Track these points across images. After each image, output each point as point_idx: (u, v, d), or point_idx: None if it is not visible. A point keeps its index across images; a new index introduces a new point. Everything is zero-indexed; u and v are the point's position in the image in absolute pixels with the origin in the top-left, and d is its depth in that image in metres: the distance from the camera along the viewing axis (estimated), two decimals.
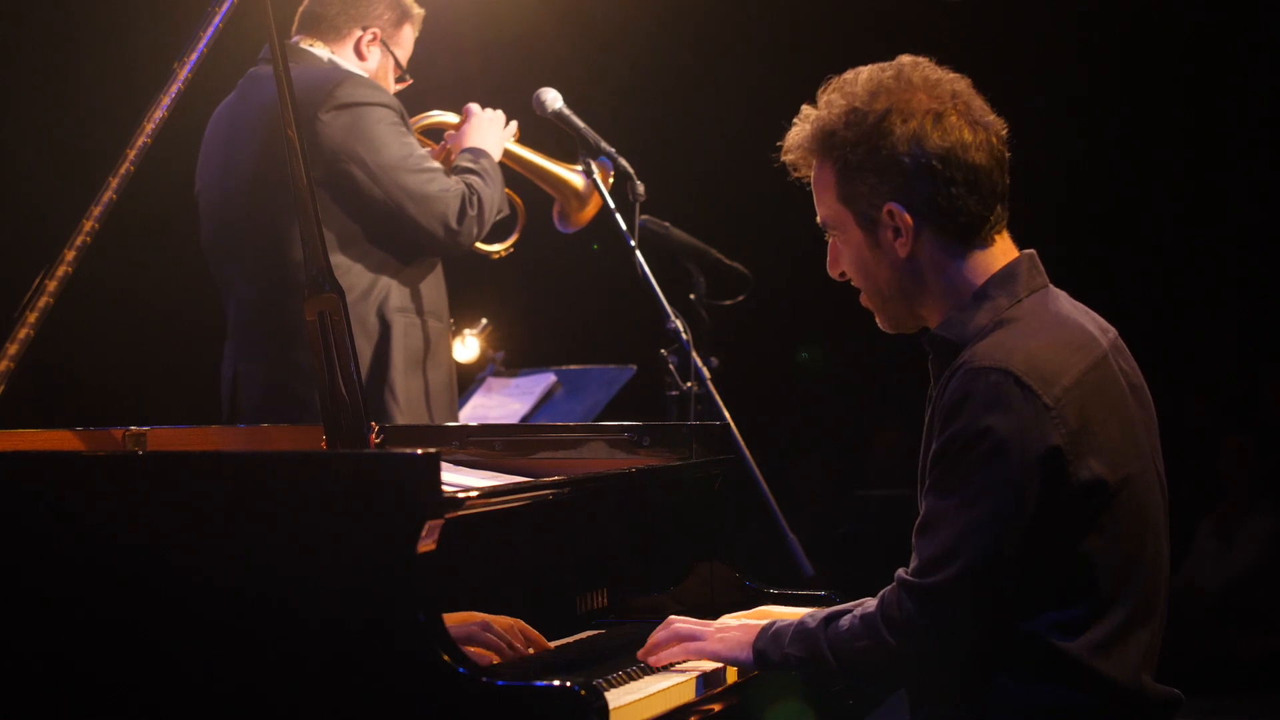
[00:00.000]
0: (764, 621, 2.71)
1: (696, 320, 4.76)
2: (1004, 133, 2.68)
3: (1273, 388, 7.41)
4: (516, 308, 6.80)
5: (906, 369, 2.89)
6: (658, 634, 2.73)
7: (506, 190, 4.43)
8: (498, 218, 4.31)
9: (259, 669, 2.38)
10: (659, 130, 6.96)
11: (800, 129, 2.72)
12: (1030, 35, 7.39)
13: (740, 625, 2.73)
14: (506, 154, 4.42)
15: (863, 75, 2.68)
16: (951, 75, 2.68)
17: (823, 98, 2.71)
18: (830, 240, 2.76)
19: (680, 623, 2.74)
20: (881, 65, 2.69)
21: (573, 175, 4.48)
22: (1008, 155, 2.68)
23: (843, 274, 2.77)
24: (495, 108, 4.45)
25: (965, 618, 2.51)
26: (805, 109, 2.73)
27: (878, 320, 2.78)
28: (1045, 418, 2.49)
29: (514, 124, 4.45)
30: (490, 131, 4.36)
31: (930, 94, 2.63)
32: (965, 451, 2.50)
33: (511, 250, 4.57)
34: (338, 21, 4.27)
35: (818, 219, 2.76)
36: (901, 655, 2.54)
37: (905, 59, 2.69)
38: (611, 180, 4.43)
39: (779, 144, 2.75)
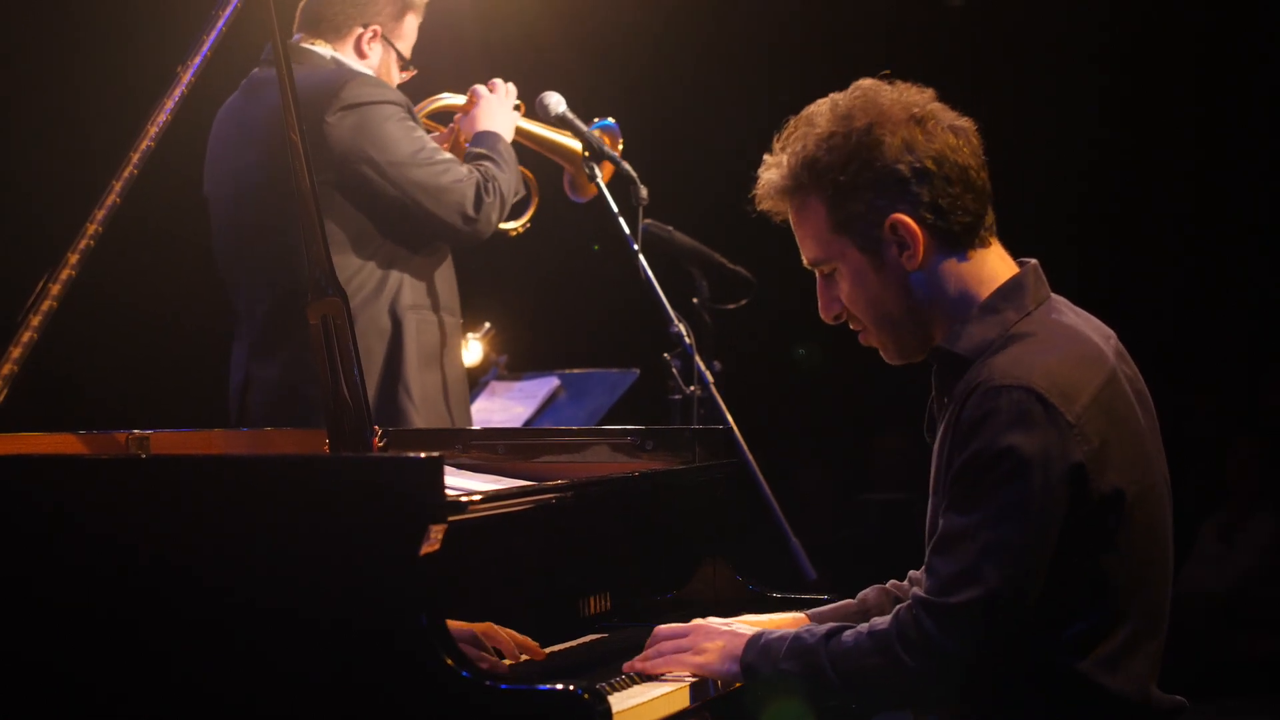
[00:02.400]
0: (752, 630, 2.67)
1: (699, 324, 4.77)
2: (978, 134, 2.67)
3: (1276, 391, 7.41)
4: (520, 311, 6.79)
5: (909, 374, 2.88)
6: (646, 653, 2.69)
7: (521, 169, 4.41)
8: (516, 199, 4.30)
9: (262, 672, 2.38)
10: (662, 134, 6.96)
11: (772, 173, 2.68)
12: (1033, 38, 7.39)
13: (728, 631, 2.68)
14: (514, 130, 4.40)
15: (824, 106, 2.67)
16: (913, 88, 2.67)
17: (788, 137, 2.67)
18: (820, 281, 2.72)
19: (665, 635, 2.70)
20: (839, 93, 2.68)
21: (578, 144, 4.47)
22: (984, 157, 2.67)
23: (837, 316, 2.73)
24: (513, 91, 4.41)
25: (987, 638, 2.48)
26: (768, 157, 2.69)
27: (885, 354, 2.74)
28: (1069, 435, 2.47)
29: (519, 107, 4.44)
30: (500, 113, 4.35)
31: (902, 106, 2.63)
32: (988, 470, 2.48)
33: (529, 226, 4.56)
34: (338, 20, 4.26)
35: (805, 261, 2.72)
36: (919, 675, 2.50)
37: (863, 82, 2.68)
38: (620, 146, 4.42)
39: (751, 195, 2.72)
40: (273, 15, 2.94)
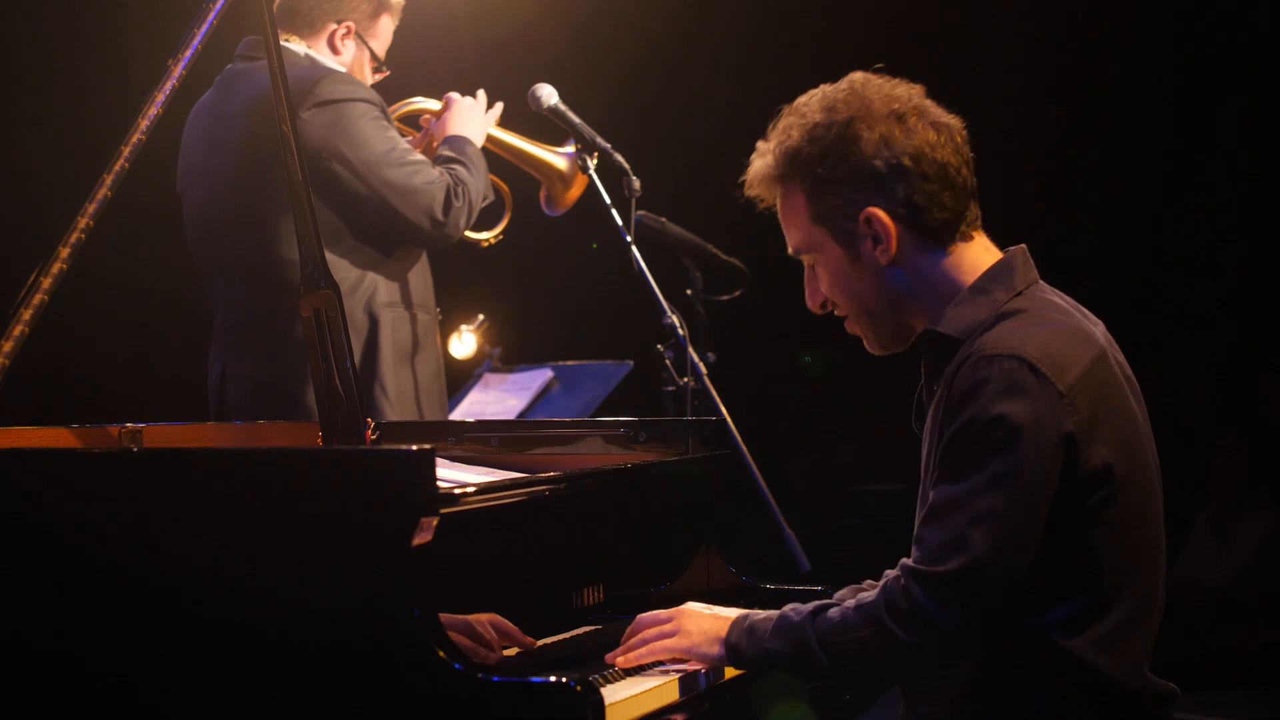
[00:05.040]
0: (735, 613, 2.68)
1: (693, 315, 4.76)
2: (964, 132, 2.69)
3: (1269, 383, 7.41)
4: (513, 303, 6.79)
5: (904, 364, 2.89)
6: (626, 636, 2.70)
7: (494, 178, 4.42)
8: (484, 204, 4.30)
9: (255, 665, 2.38)
10: (655, 125, 6.96)
11: (761, 161, 2.72)
12: (1023, 26, 7.38)
13: (711, 615, 2.69)
14: (489, 139, 4.40)
15: (814, 97, 2.70)
16: (903, 84, 2.69)
17: (778, 127, 2.71)
18: (806, 271, 2.76)
19: (647, 622, 2.71)
20: (831, 85, 2.71)
21: (555, 157, 4.48)
22: (971, 154, 2.68)
23: (824, 305, 2.76)
24: (483, 98, 4.43)
25: (976, 607, 2.48)
26: (760, 144, 2.73)
27: (867, 344, 2.77)
28: (1059, 405, 2.48)
29: (498, 107, 4.44)
30: (472, 118, 4.35)
31: (886, 101, 2.64)
32: (979, 439, 2.48)
33: (500, 237, 4.57)
34: (312, 15, 4.25)
35: (790, 249, 2.75)
36: (908, 647, 2.50)
37: (855, 75, 2.71)
38: (595, 161, 4.42)
39: (741, 180, 2.75)
40: (265, 11, 2.93)
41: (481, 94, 4.41)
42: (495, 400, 5.50)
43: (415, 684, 2.32)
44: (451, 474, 2.97)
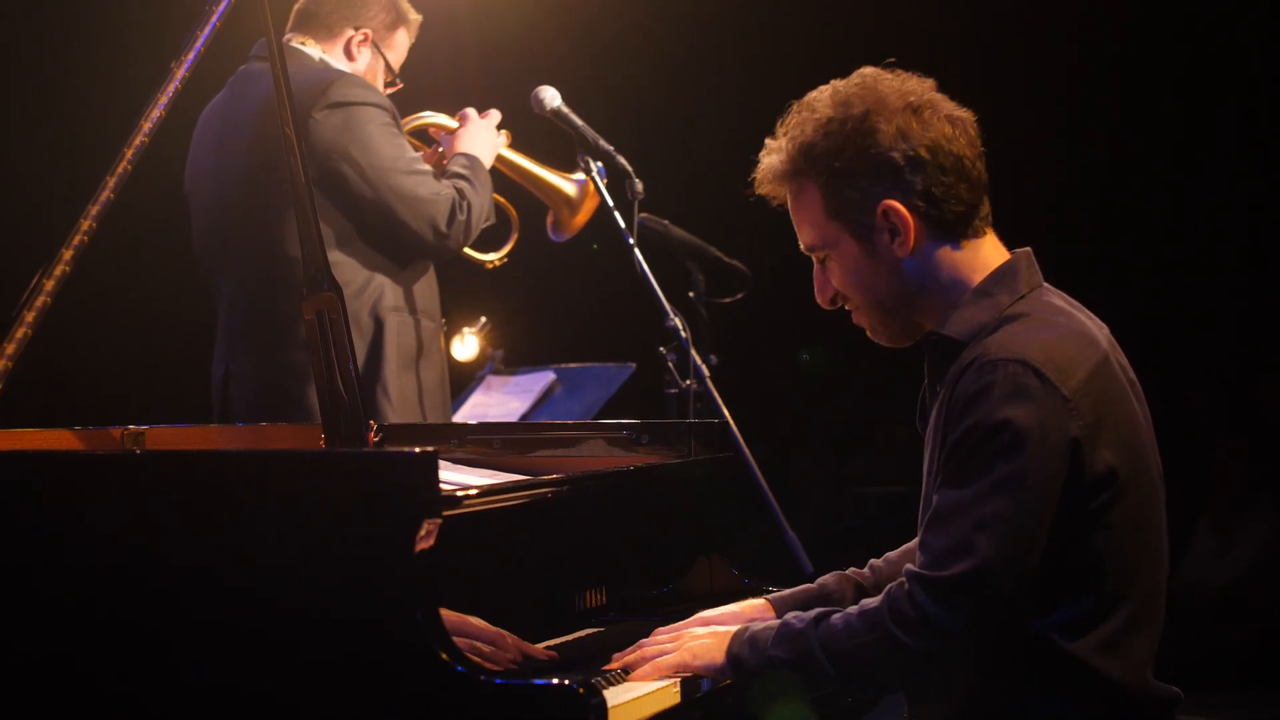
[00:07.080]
0: (735, 627, 2.67)
1: (695, 318, 4.76)
2: (976, 125, 2.68)
3: (1270, 386, 7.41)
4: (516, 306, 6.79)
5: (907, 365, 2.89)
6: (626, 658, 2.66)
7: (503, 201, 4.43)
8: (486, 225, 4.32)
9: (257, 667, 2.38)
10: (657, 128, 6.96)
11: (772, 157, 2.71)
12: (1024, 27, 7.38)
13: (709, 632, 2.68)
14: (499, 159, 4.42)
15: (825, 92, 2.69)
16: (914, 78, 2.69)
17: (789, 122, 2.70)
18: (816, 268, 2.75)
19: (648, 641, 2.68)
20: (841, 80, 2.70)
21: (564, 183, 4.49)
22: (982, 149, 2.68)
23: (833, 300, 2.75)
24: (493, 107, 4.44)
25: (982, 612, 2.47)
26: (769, 141, 2.72)
27: (874, 335, 2.76)
28: (1064, 409, 2.48)
29: (506, 134, 4.46)
30: (483, 137, 4.36)
31: (900, 95, 2.64)
32: (985, 443, 2.48)
33: (505, 260, 4.58)
34: (330, 20, 4.27)
35: (802, 246, 2.74)
36: (914, 652, 2.48)
37: (865, 70, 2.70)
38: (605, 182, 4.42)
39: (751, 178, 2.74)
40: (266, 12, 2.93)
41: (495, 113, 4.43)
42: (497, 403, 5.51)
43: (418, 686, 2.32)
44: (454, 476, 2.97)
